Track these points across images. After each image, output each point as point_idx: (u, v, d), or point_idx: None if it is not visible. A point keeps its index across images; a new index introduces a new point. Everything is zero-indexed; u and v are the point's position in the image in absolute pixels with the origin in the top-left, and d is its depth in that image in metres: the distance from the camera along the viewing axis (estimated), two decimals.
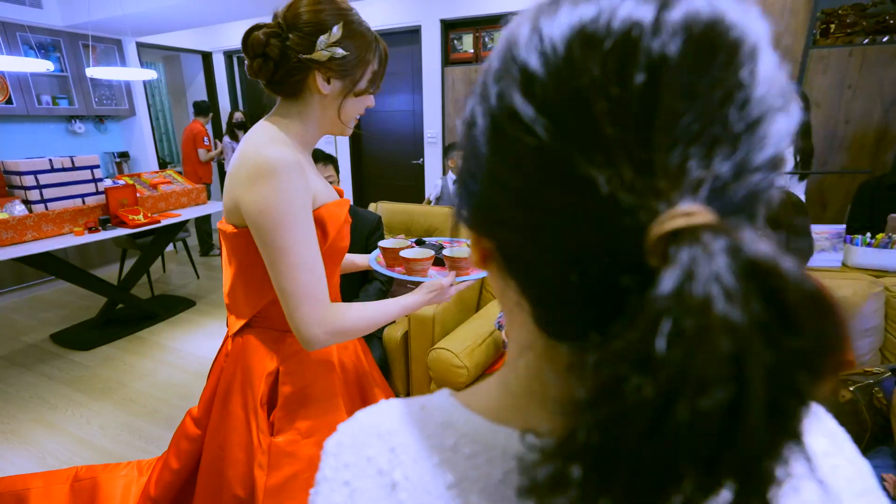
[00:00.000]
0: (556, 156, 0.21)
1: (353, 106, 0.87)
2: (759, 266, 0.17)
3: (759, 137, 0.21)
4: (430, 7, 3.86)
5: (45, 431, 2.14)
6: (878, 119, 2.90)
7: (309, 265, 0.78)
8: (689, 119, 0.20)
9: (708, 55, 0.21)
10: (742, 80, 0.21)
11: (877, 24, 2.83)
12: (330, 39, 0.78)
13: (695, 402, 0.16)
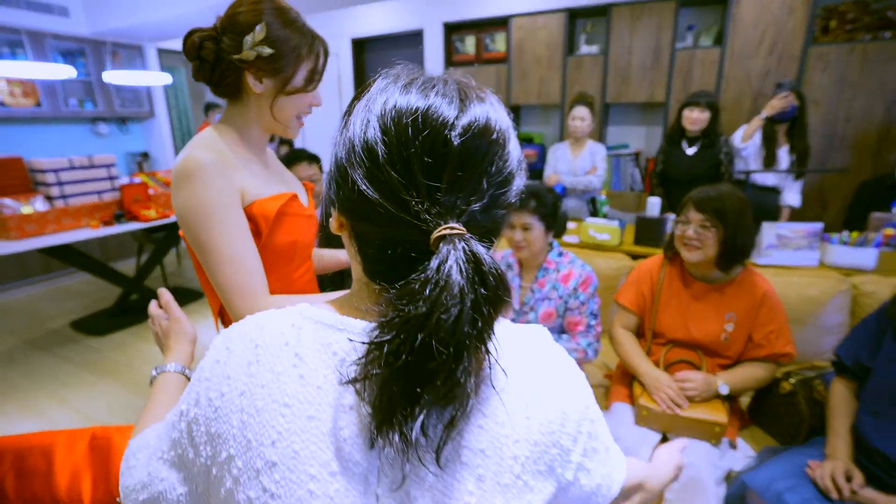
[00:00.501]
0: (393, 187, 0.38)
1: (289, 104, 0.87)
2: (476, 256, 0.37)
3: (501, 192, 0.41)
4: (432, 10, 3.96)
5: (57, 406, 2.33)
6: (881, 117, 2.85)
7: (236, 259, 0.80)
8: (461, 178, 0.38)
9: (478, 145, 0.38)
10: (495, 160, 0.40)
11: (879, 21, 2.78)
12: (255, 39, 0.80)
13: (442, 314, 0.35)
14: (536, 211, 1.52)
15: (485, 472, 0.40)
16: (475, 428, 0.40)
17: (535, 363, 0.45)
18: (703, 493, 1.26)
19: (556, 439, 0.43)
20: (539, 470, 0.42)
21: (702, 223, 1.36)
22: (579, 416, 0.45)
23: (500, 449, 0.40)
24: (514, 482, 0.41)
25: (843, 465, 1.16)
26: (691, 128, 2.59)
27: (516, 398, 0.42)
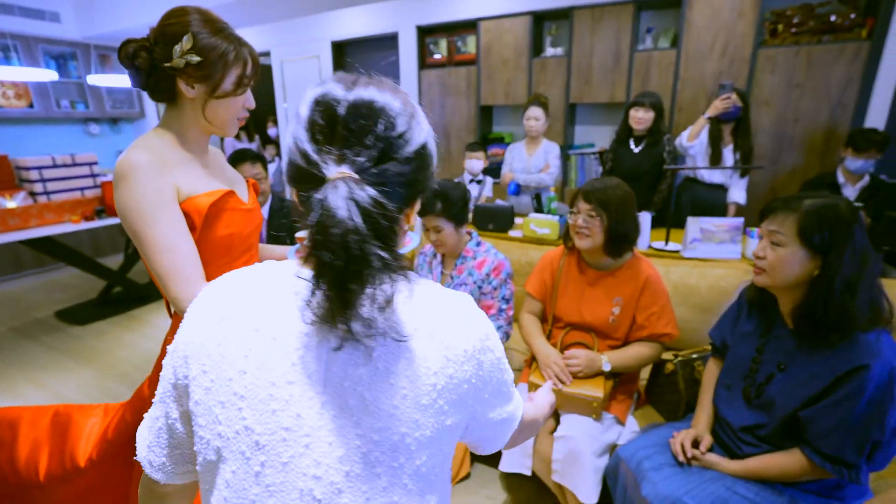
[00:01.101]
0: (307, 152, 0.51)
1: (221, 107, 0.94)
2: (353, 193, 0.47)
3: (391, 151, 0.52)
4: (406, 14, 4.09)
5: (33, 388, 2.51)
6: (826, 119, 2.93)
7: (170, 248, 0.87)
8: (349, 139, 0.50)
9: (359, 114, 0.51)
10: (378, 124, 0.51)
11: (823, 25, 2.86)
12: (183, 48, 0.86)
13: (332, 231, 0.45)
14: (444, 213, 1.64)
15: (408, 393, 0.51)
16: (402, 360, 0.51)
17: (452, 312, 0.56)
18: (582, 464, 1.39)
19: (469, 377, 0.55)
20: (453, 399, 0.53)
21: (589, 212, 1.48)
22: (490, 365, 0.58)
23: (421, 377, 0.51)
24: (432, 404, 0.52)
25: (694, 433, 1.28)
26: (637, 127, 2.70)
27: (435, 339, 0.53)
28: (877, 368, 1.00)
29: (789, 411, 1.13)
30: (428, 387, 0.52)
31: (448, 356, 0.53)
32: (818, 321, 1.08)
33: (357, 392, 0.51)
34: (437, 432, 0.53)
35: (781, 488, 1.16)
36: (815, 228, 1.07)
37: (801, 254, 1.09)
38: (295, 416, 0.51)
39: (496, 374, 0.60)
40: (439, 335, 0.54)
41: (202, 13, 0.90)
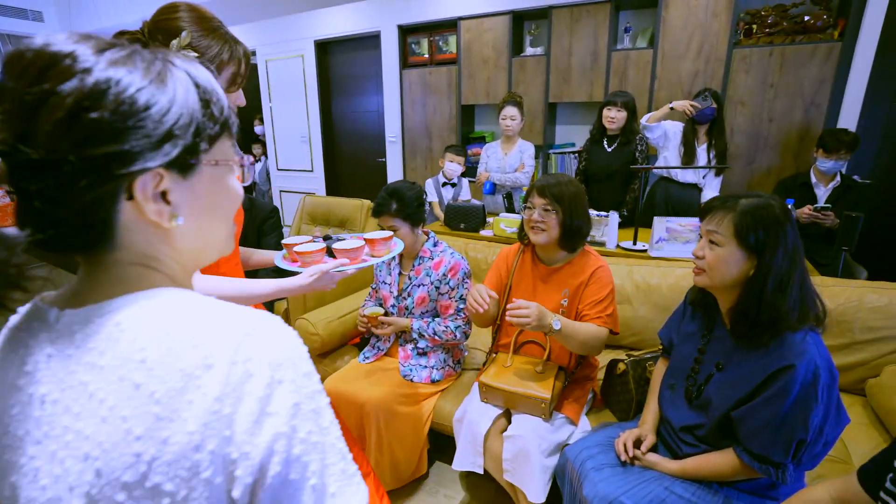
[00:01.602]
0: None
1: None
2: None
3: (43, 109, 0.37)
4: (388, 14, 4.09)
5: None
6: (800, 118, 2.94)
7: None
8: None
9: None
10: (39, 82, 0.37)
11: (796, 25, 2.87)
12: (181, 43, 0.86)
13: None
14: (398, 213, 1.65)
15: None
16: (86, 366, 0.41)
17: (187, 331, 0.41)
18: (531, 463, 1.39)
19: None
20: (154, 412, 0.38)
21: (544, 207, 1.49)
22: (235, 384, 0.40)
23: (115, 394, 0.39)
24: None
25: (637, 433, 1.29)
26: (610, 126, 2.71)
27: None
28: (801, 368, 1.01)
29: (724, 411, 1.14)
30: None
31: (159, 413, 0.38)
32: (752, 321, 1.09)
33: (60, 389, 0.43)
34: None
35: (717, 488, 1.17)
36: (751, 228, 1.07)
37: (738, 253, 1.09)
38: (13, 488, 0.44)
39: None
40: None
41: (197, 10, 0.91)
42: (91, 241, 0.43)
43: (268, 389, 0.40)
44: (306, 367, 0.43)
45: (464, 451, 1.55)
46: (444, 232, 2.70)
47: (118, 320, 0.41)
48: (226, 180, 0.50)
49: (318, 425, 0.43)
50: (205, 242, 0.50)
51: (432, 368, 1.76)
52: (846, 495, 0.83)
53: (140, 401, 0.38)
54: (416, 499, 1.75)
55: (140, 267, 0.45)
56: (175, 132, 0.42)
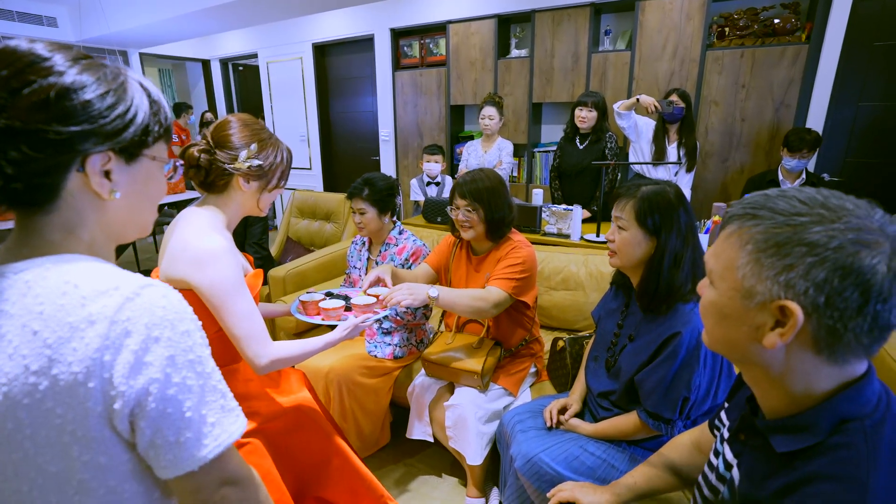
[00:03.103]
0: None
1: (268, 197, 1.18)
2: None
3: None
4: (380, 17, 4.26)
5: None
6: (770, 118, 3.03)
7: (249, 315, 1.04)
8: None
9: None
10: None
11: (766, 28, 2.96)
12: (249, 154, 1.09)
13: None
14: (368, 198, 1.81)
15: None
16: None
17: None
18: (468, 429, 1.54)
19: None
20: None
21: (466, 208, 1.61)
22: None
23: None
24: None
25: (564, 402, 1.43)
26: (581, 125, 2.83)
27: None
28: (686, 335, 1.14)
29: (630, 376, 1.26)
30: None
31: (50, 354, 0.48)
32: (652, 294, 1.21)
33: None
34: None
35: (625, 446, 1.31)
36: (648, 212, 1.20)
37: (640, 235, 1.22)
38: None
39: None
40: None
41: (251, 123, 1.13)
42: (37, 200, 0.52)
43: (143, 344, 0.50)
44: (185, 326, 0.54)
45: (414, 421, 1.70)
46: (423, 225, 2.85)
47: (27, 278, 0.51)
48: (158, 174, 0.63)
49: (195, 372, 0.53)
50: (131, 219, 0.61)
51: (395, 346, 1.90)
52: (701, 438, 0.97)
53: (36, 344, 0.48)
54: (380, 466, 1.90)
55: (63, 233, 0.54)
56: (129, 126, 0.54)
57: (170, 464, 0.53)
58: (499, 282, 1.54)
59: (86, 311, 0.49)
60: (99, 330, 0.49)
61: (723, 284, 0.61)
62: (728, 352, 0.64)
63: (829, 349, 0.54)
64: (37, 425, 0.49)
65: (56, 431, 0.49)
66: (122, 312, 0.50)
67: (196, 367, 0.54)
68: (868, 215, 0.53)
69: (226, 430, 0.56)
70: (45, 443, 0.50)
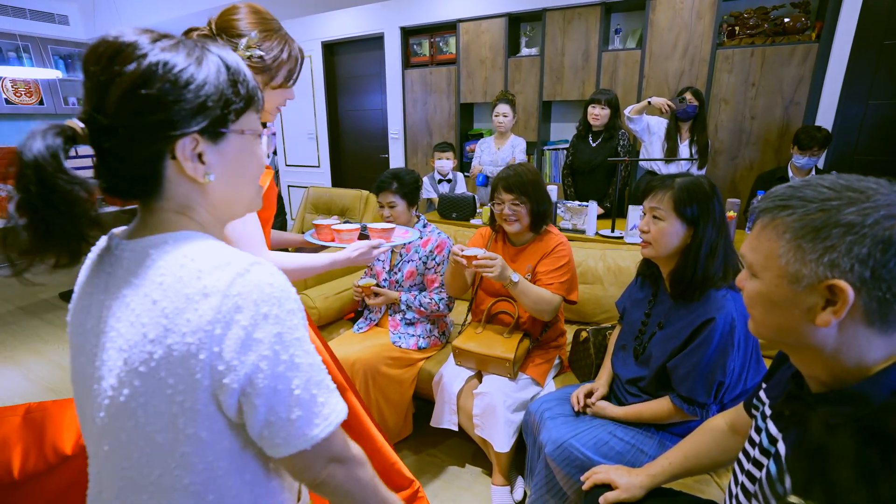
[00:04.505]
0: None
1: (270, 98, 1.04)
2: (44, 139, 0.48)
3: (124, 108, 0.50)
4: (391, 16, 4.29)
5: (35, 358, 2.75)
6: (780, 116, 3.07)
7: (244, 218, 0.94)
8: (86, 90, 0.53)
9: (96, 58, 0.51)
10: (108, 70, 0.50)
11: (776, 27, 3.00)
12: (248, 43, 0.96)
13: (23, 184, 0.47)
14: (398, 191, 1.85)
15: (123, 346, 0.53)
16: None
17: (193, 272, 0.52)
18: (497, 417, 1.57)
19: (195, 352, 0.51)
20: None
21: (513, 202, 1.65)
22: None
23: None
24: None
25: (590, 387, 1.46)
26: (594, 123, 2.87)
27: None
28: (720, 320, 1.17)
29: (661, 362, 1.30)
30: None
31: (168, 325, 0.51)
32: (688, 282, 1.25)
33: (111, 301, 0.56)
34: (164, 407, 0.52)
35: (654, 432, 1.34)
36: (687, 202, 1.23)
37: (678, 225, 1.25)
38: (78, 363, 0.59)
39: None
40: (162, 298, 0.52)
41: (260, 12, 1.01)
42: (144, 190, 0.56)
43: (253, 321, 0.50)
44: (290, 305, 0.54)
45: (440, 410, 1.73)
46: (438, 221, 2.88)
47: (150, 252, 0.54)
48: (251, 147, 0.60)
49: (302, 349, 0.54)
50: (233, 198, 0.62)
51: (419, 337, 1.94)
52: (736, 419, 1.00)
53: (155, 313, 0.51)
54: (403, 457, 1.93)
55: (177, 214, 0.57)
56: (208, 104, 0.53)
57: (283, 442, 0.53)
58: (556, 287, 1.62)
59: (201, 284, 0.51)
60: (212, 303, 0.50)
61: (767, 274, 0.63)
62: (780, 337, 0.67)
63: (882, 320, 0.57)
64: (149, 394, 0.51)
65: (166, 402, 0.51)
66: (233, 287, 0.51)
67: (303, 346, 0.55)
68: (892, 191, 0.57)
69: (334, 409, 0.57)
70: (155, 412, 0.51)
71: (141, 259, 0.54)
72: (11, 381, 2.52)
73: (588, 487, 1.14)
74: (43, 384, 2.49)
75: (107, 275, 0.57)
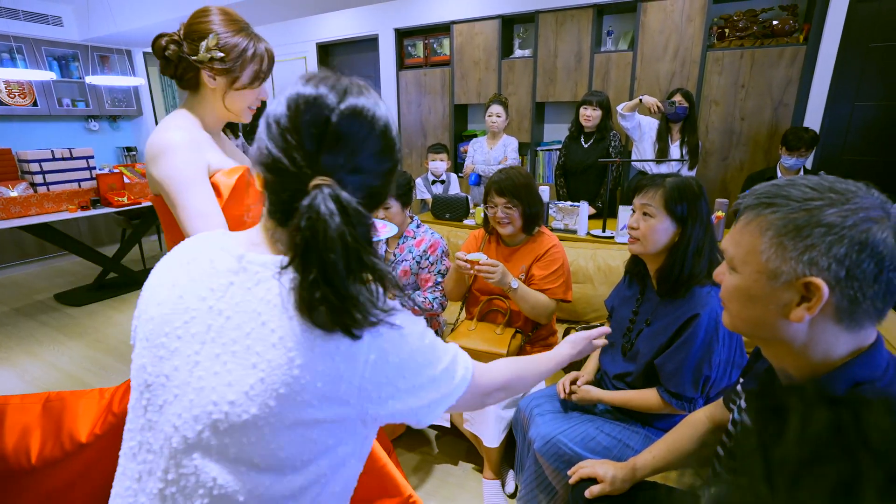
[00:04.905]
0: (288, 148, 0.54)
1: (238, 98, 1.07)
2: (337, 194, 0.51)
3: (369, 162, 0.56)
4: (385, 17, 4.32)
5: (30, 359, 2.76)
6: (769, 117, 3.11)
7: (203, 213, 0.99)
8: (335, 147, 0.54)
9: (351, 124, 0.54)
10: (365, 138, 0.55)
11: (765, 30, 3.05)
12: (208, 45, 0.99)
13: (327, 233, 0.50)
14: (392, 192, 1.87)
15: (265, 377, 0.54)
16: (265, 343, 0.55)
17: None
18: (487, 413, 1.60)
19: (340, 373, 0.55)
20: (319, 393, 0.54)
21: (505, 205, 1.68)
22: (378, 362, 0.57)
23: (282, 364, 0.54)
24: (291, 394, 0.54)
25: (575, 374, 1.49)
26: (586, 124, 2.90)
27: None
28: (705, 316, 1.20)
29: (649, 358, 1.32)
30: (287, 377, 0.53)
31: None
32: (675, 279, 1.28)
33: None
34: (298, 423, 0.53)
35: (639, 427, 1.37)
36: (678, 200, 1.26)
37: (668, 223, 1.28)
38: (173, 368, 0.57)
39: (388, 371, 0.57)
40: None
41: (226, 13, 1.03)
42: (285, 220, 0.57)
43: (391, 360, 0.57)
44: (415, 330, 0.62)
45: None
46: (431, 221, 2.90)
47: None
48: None
49: (413, 361, 0.60)
50: None
51: None
52: (716, 413, 1.03)
53: (307, 342, 0.53)
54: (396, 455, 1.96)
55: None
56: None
57: (427, 418, 0.63)
58: (552, 292, 1.67)
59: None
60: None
61: (747, 269, 0.66)
62: (754, 331, 0.69)
63: (850, 317, 0.60)
64: (285, 413, 0.53)
65: (304, 422, 0.54)
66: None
67: (413, 355, 0.61)
68: (870, 195, 0.59)
69: (459, 366, 0.66)
70: (286, 430, 0.54)
71: (274, 275, 0.56)
72: (7, 382, 2.53)
73: (575, 481, 1.17)
74: (39, 385, 2.50)
75: (229, 285, 0.58)
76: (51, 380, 2.56)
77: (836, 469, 0.21)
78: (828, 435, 0.22)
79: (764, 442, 0.22)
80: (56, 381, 2.55)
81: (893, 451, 0.21)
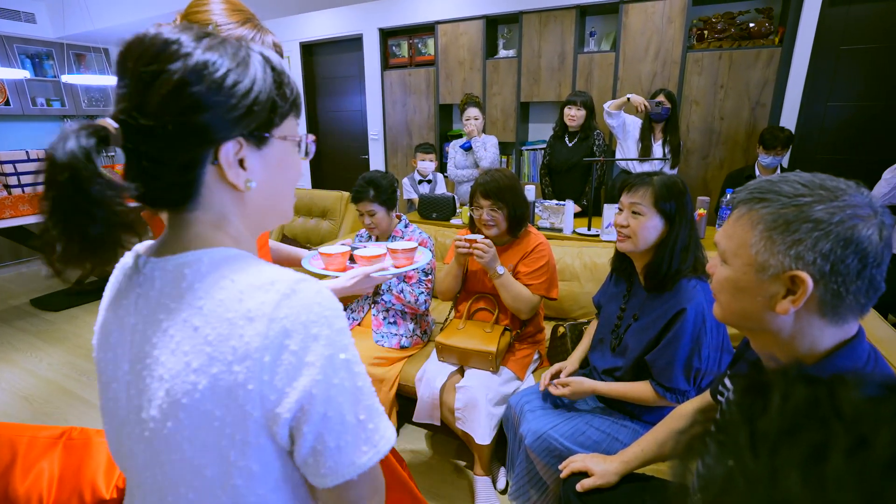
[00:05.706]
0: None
1: None
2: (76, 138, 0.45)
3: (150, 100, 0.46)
4: (369, 17, 4.30)
5: (7, 366, 2.68)
6: (747, 117, 3.19)
7: None
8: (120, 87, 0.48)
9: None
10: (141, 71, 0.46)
11: (742, 31, 3.12)
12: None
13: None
14: (375, 199, 1.86)
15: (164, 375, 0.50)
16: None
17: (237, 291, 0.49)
18: (479, 410, 1.61)
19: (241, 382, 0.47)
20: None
21: (490, 208, 1.69)
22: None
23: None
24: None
25: (558, 367, 1.52)
26: (571, 124, 2.94)
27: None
28: (691, 310, 1.24)
29: (638, 353, 1.35)
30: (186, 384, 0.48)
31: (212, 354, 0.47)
32: (662, 275, 1.30)
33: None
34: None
35: (628, 421, 1.40)
36: (666, 198, 1.29)
37: (657, 220, 1.31)
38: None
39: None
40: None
41: (229, 2, 0.94)
42: (180, 198, 0.51)
43: (303, 343, 0.47)
44: (340, 324, 0.50)
45: (422, 406, 1.76)
46: (418, 221, 2.91)
47: (185, 272, 0.50)
48: (292, 153, 0.57)
49: (351, 371, 0.50)
50: (270, 207, 0.58)
51: (402, 336, 1.96)
52: (703, 404, 1.06)
53: (197, 341, 0.47)
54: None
55: (212, 227, 0.53)
56: (254, 108, 0.49)
57: (330, 472, 0.49)
58: (535, 287, 1.68)
59: (244, 307, 0.47)
60: (258, 328, 0.46)
61: (737, 261, 0.68)
62: (742, 322, 0.71)
63: (833, 311, 0.62)
64: (195, 427, 0.48)
65: (214, 434, 0.47)
66: (280, 309, 0.47)
67: (352, 367, 0.50)
68: (857, 192, 0.62)
69: (383, 434, 0.52)
70: (203, 446, 0.48)
71: (175, 280, 0.50)
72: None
73: (566, 475, 1.19)
74: (16, 392, 2.43)
75: (137, 296, 0.53)
76: (28, 386, 2.49)
77: (810, 437, 0.23)
78: (805, 408, 0.25)
79: (749, 416, 0.25)
80: (34, 387, 2.48)
81: (861, 419, 0.23)
